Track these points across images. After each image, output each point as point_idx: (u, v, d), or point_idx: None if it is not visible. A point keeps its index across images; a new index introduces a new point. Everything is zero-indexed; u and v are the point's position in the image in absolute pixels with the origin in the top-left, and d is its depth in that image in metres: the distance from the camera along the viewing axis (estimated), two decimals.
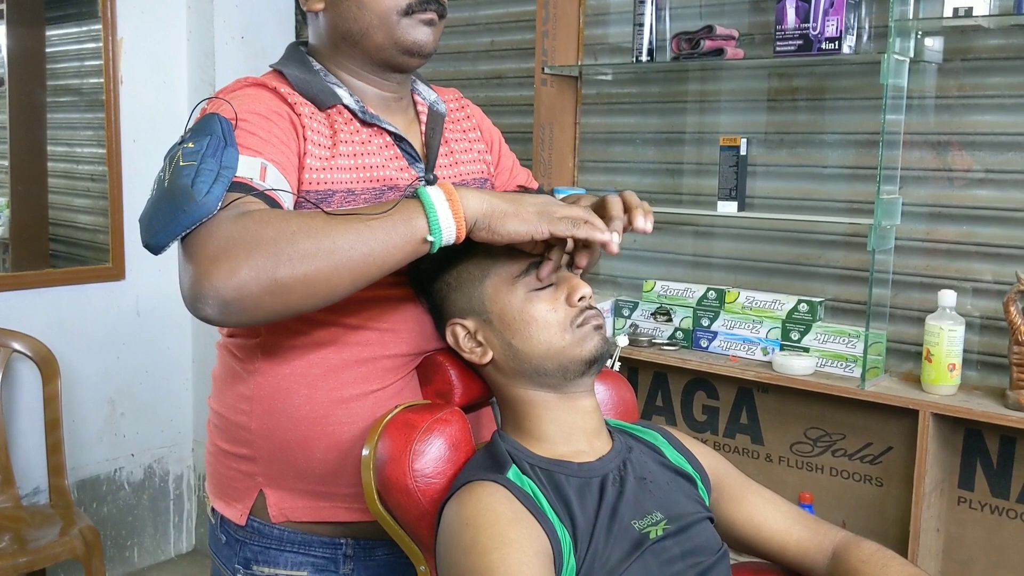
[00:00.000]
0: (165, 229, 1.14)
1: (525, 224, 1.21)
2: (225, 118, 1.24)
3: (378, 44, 1.40)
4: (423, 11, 1.39)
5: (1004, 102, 2.26)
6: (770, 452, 2.60)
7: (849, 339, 2.38)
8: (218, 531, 1.50)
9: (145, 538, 3.48)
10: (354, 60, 1.44)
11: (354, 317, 1.38)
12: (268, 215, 1.15)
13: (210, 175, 1.15)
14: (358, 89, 1.45)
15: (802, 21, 2.31)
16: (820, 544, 1.39)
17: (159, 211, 1.15)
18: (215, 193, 1.14)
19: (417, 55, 1.42)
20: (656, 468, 1.35)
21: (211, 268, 1.10)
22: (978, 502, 2.30)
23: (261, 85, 1.37)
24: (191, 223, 1.13)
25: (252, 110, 1.30)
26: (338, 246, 1.14)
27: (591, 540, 1.20)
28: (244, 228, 1.12)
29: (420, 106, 1.54)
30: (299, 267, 1.12)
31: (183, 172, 1.15)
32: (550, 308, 1.30)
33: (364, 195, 1.37)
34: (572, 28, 2.87)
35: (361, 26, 1.39)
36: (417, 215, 1.18)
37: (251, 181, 1.20)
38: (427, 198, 1.19)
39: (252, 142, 1.25)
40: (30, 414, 2.98)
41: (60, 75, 3.43)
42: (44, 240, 3.37)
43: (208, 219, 1.13)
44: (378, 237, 1.16)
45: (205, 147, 1.18)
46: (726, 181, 2.51)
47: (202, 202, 1.13)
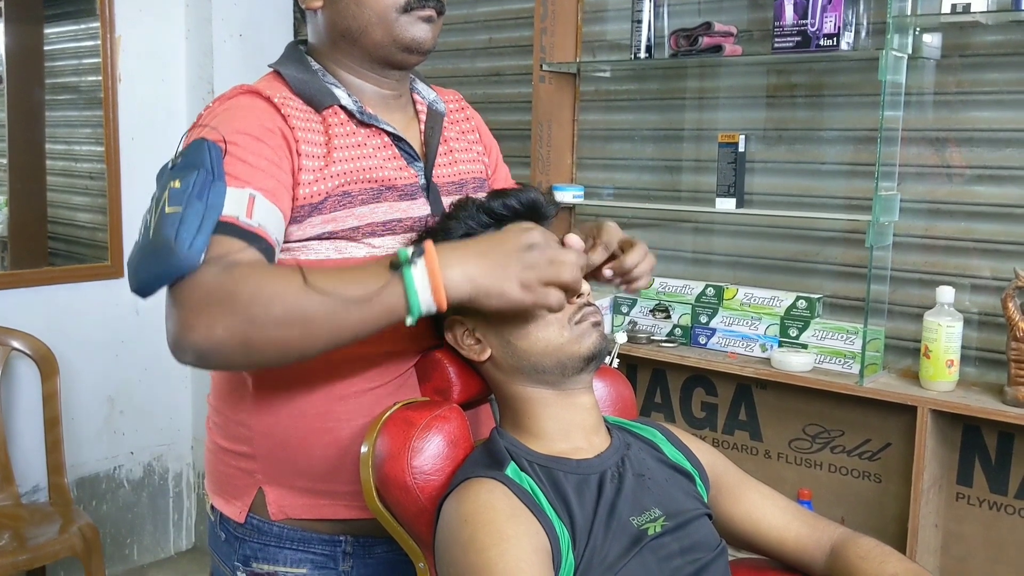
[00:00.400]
0: (150, 280, 1.17)
1: (509, 302, 1.21)
2: (215, 144, 1.24)
3: (377, 41, 1.40)
4: (421, 8, 1.39)
5: (1002, 98, 2.26)
6: (769, 448, 2.60)
7: (847, 335, 2.38)
8: (217, 528, 1.50)
9: (144, 536, 3.48)
10: (352, 58, 1.43)
11: None
12: (247, 275, 1.16)
13: (194, 223, 1.16)
14: (356, 87, 1.45)
15: (800, 17, 2.31)
16: (818, 540, 1.40)
17: (145, 261, 1.17)
18: (197, 246, 1.15)
19: (416, 52, 1.42)
20: (654, 465, 1.36)
21: (190, 323, 1.14)
22: (976, 498, 2.30)
23: (255, 94, 1.36)
24: (175, 276, 1.15)
25: (243, 130, 1.29)
26: (312, 318, 1.16)
27: (589, 537, 1.20)
28: (222, 287, 1.14)
29: (419, 105, 1.53)
30: (272, 332, 1.15)
31: (168, 222, 1.16)
32: None
33: (361, 196, 1.37)
34: (570, 25, 2.87)
35: (360, 23, 1.39)
36: (397, 298, 1.17)
37: (236, 220, 1.21)
38: (410, 283, 1.17)
39: (241, 170, 1.25)
40: (29, 412, 2.99)
41: (58, 73, 3.43)
42: (43, 238, 3.37)
43: (191, 272, 1.15)
44: (353, 315, 1.17)
45: (191, 186, 1.19)
46: (724, 178, 2.52)
47: (185, 256, 1.14)
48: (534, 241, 1.21)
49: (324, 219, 1.34)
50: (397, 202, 1.40)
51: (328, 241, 1.35)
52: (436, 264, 1.17)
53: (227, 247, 1.18)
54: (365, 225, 1.36)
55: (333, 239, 1.35)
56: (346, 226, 1.35)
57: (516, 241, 1.21)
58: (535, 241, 1.21)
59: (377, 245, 1.37)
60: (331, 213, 1.34)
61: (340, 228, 1.35)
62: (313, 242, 1.34)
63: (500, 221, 1.35)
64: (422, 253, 1.17)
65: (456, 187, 1.50)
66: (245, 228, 1.21)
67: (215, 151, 1.23)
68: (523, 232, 1.22)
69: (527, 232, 1.22)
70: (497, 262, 1.20)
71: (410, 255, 1.17)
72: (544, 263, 1.20)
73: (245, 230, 1.21)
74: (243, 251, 1.19)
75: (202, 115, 1.37)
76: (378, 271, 1.18)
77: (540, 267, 1.20)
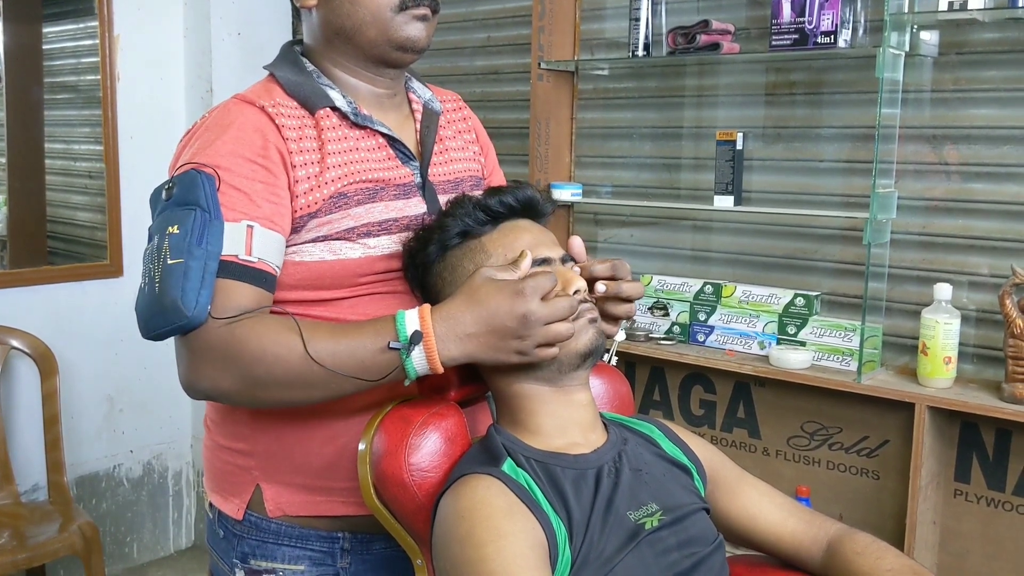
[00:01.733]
0: (161, 333, 1.24)
1: (503, 362, 1.26)
2: (208, 176, 1.27)
3: (371, 40, 1.40)
4: (416, 6, 1.39)
5: (1000, 95, 2.26)
6: (767, 446, 2.60)
7: (845, 333, 2.38)
8: (216, 526, 1.50)
9: (144, 534, 3.49)
10: (347, 56, 1.43)
11: (350, 312, 1.38)
12: (250, 336, 1.23)
13: (197, 275, 1.22)
14: (351, 87, 1.45)
15: (798, 15, 2.32)
16: (815, 536, 1.40)
17: (155, 317, 1.23)
18: (203, 302, 1.22)
19: (411, 51, 1.42)
20: (652, 459, 1.36)
21: (199, 372, 1.26)
22: (974, 494, 2.30)
23: (249, 103, 1.37)
24: (185, 331, 1.24)
25: (236, 152, 1.31)
26: (313, 383, 1.25)
27: (586, 531, 1.20)
28: (227, 347, 1.23)
29: (415, 104, 1.53)
30: (274, 391, 1.27)
31: (173, 276, 1.22)
32: None
33: (357, 196, 1.37)
34: (568, 23, 2.87)
35: (354, 22, 1.39)
36: (396, 373, 1.25)
37: (236, 258, 1.26)
38: (410, 367, 1.24)
39: (236, 200, 1.28)
40: (29, 411, 2.99)
41: (57, 72, 3.43)
42: (42, 237, 3.38)
43: (198, 327, 1.23)
44: (352, 383, 1.26)
45: (190, 230, 1.23)
46: (723, 175, 2.52)
47: (193, 314, 1.21)
48: (528, 310, 1.21)
49: (319, 222, 1.35)
50: (393, 201, 1.41)
51: (323, 243, 1.36)
52: (435, 350, 1.22)
53: (230, 292, 1.26)
54: (361, 225, 1.37)
55: (327, 240, 1.36)
56: (341, 227, 1.36)
57: (511, 312, 1.22)
58: (529, 310, 1.21)
59: (372, 245, 1.38)
60: (326, 216, 1.35)
61: (335, 230, 1.36)
62: (307, 245, 1.35)
63: (496, 219, 1.35)
64: (420, 339, 1.22)
65: (452, 185, 1.51)
66: (245, 265, 1.27)
67: (209, 185, 1.27)
68: (515, 297, 1.22)
69: (520, 297, 1.22)
70: (493, 342, 1.23)
71: (408, 338, 1.22)
72: (539, 332, 1.23)
73: (245, 267, 1.27)
74: (245, 294, 1.27)
75: (196, 127, 1.38)
76: (377, 346, 1.24)
77: (536, 336, 1.23)
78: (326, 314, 1.37)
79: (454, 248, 1.35)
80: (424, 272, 1.37)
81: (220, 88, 3.35)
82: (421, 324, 1.22)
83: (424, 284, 1.38)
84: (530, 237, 1.35)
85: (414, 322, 1.23)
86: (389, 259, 1.40)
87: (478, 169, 1.59)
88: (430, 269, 1.37)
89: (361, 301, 1.39)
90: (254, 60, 3.43)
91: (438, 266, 1.36)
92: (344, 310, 1.38)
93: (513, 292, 1.22)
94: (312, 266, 1.36)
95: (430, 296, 1.38)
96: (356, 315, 1.38)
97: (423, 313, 1.23)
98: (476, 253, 1.33)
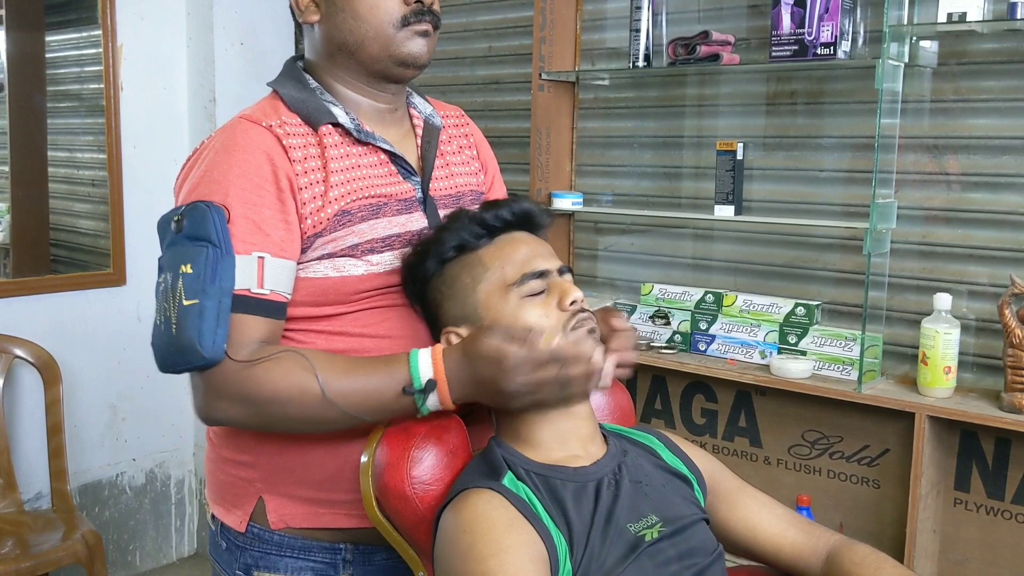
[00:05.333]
0: (180, 370, 1.29)
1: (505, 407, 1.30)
2: (218, 210, 1.29)
3: (373, 55, 1.41)
4: (418, 23, 1.41)
5: (998, 106, 2.27)
6: (768, 455, 2.61)
7: (846, 342, 2.39)
8: (218, 537, 1.51)
9: (147, 542, 3.49)
10: (349, 71, 1.45)
11: (352, 324, 1.40)
12: (265, 378, 1.27)
13: (212, 314, 1.25)
14: (353, 102, 1.46)
15: (797, 26, 2.33)
16: (814, 547, 1.41)
17: (172, 355, 1.27)
18: (219, 341, 1.26)
19: (412, 66, 1.43)
20: (652, 471, 1.37)
21: (213, 405, 1.30)
22: (974, 503, 2.31)
23: (256, 123, 1.38)
24: (201, 368, 1.28)
25: (243, 176, 1.33)
26: (326, 420, 1.30)
27: (587, 544, 1.21)
28: (243, 387, 1.28)
29: (416, 119, 1.55)
30: (288, 425, 1.33)
31: (189, 317, 1.25)
32: (543, 314, 1.31)
33: (360, 213, 1.39)
34: (569, 34, 2.89)
35: (356, 38, 1.41)
36: (411, 411, 1.30)
37: (249, 291, 1.30)
38: (425, 410, 1.29)
39: (246, 232, 1.31)
40: (32, 419, 3.00)
41: (60, 80, 3.44)
42: (45, 245, 3.38)
43: (215, 365, 1.27)
44: (360, 419, 1.30)
45: (203, 270, 1.26)
46: (723, 185, 2.53)
47: (211, 356, 1.25)
48: (510, 390, 1.25)
49: (324, 241, 1.36)
50: (395, 216, 1.42)
51: (327, 260, 1.37)
52: (447, 394, 1.28)
53: (244, 327, 1.29)
54: (365, 242, 1.39)
55: (332, 258, 1.37)
56: (346, 244, 1.37)
57: (495, 385, 1.25)
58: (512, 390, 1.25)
59: (375, 262, 1.40)
60: (331, 234, 1.36)
61: (340, 247, 1.37)
62: (312, 263, 1.37)
63: (493, 232, 1.36)
64: (434, 387, 1.27)
65: (453, 200, 1.52)
66: (258, 299, 1.30)
67: (219, 219, 1.29)
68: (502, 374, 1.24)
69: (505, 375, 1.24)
70: (496, 396, 1.27)
71: (423, 385, 1.27)
72: (527, 399, 1.27)
73: (257, 300, 1.31)
74: (258, 328, 1.31)
75: (203, 148, 1.40)
76: (392, 390, 1.28)
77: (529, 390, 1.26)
78: (328, 328, 1.39)
79: (452, 262, 1.36)
80: (423, 286, 1.38)
81: (223, 97, 3.36)
82: (435, 371, 1.27)
83: (423, 298, 1.39)
84: (527, 249, 1.36)
85: (427, 368, 1.27)
86: (390, 275, 1.41)
87: (478, 184, 1.60)
88: (429, 283, 1.38)
89: (363, 315, 1.40)
90: (257, 69, 3.45)
91: (436, 280, 1.37)
92: (347, 323, 1.40)
93: (500, 369, 1.24)
94: (316, 282, 1.37)
95: (429, 310, 1.39)
96: (359, 328, 1.40)
97: (435, 358, 1.27)
98: (474, 267, 1.34)
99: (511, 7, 3.10)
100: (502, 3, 3.13)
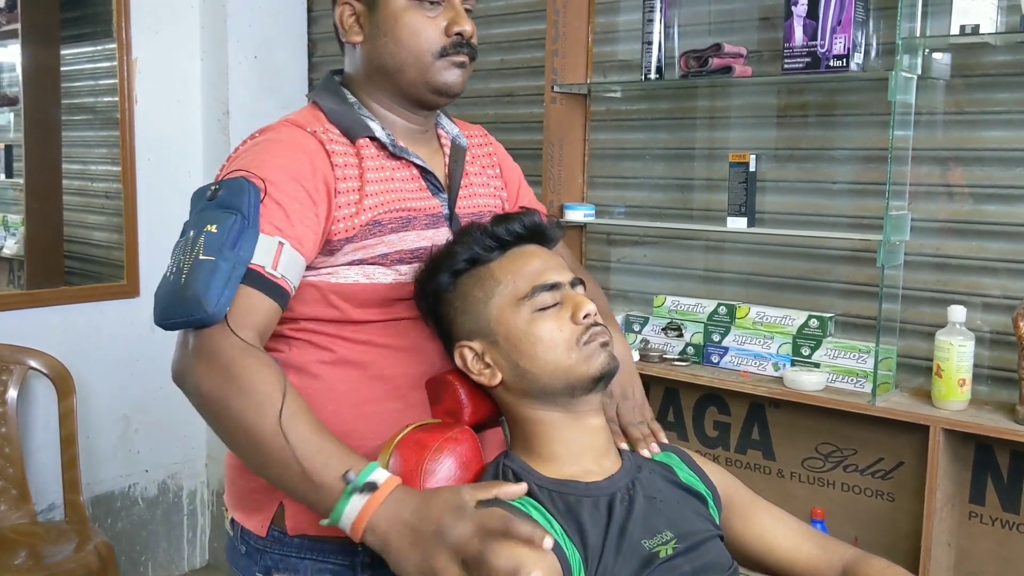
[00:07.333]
0: (177, 323, 1.27)
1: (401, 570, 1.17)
2: (255, 186, 1.32)
3: (411, 81, 1.47)
4: (456, 54, 1.46)
5: (1012, 118, 2.26)
6: (782, 468, 2.60)
7: (859, 354, 2.38)
8: (237, 542, 1.53)
9: (159, 553, 3.50)
10: (386, 92, 1.50)
11: (380, 335, 1.44)
12: (246, 373, 1.24)
13: (224, 275, 1.25)
14: (388, 120, 1.51)
15: (810, 39, 2.33)
16: (830, 561, 1.40)
17: (174, 306, 1.26)
18: (223, 301, 1.25)
19: (446, 95, 1.49)
20: (666, 487, 1.36)
21: (191, 366, 1.27)
22: (989, 516, 2.30)
23: (300, 127, 1.43)
24: (199, 325, 1.26)
25: (282, 167, 1.36)
26: (260, 445, 1.23)
27: (600, 559, 1.21)
28: (228, 365, 1.24)
29: (443, 139, 1.60)
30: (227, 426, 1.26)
31: (201, 271, 1.25)
32: (556, 327, 1.31)
33: (391, 224, 1.43)
34: (581, 46, 2.89)
35: (396, 62, 1.46)
36: (326, 498, 1.20)
37: (263, 269, 1.30)
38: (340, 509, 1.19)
39: (275, 215, 1.33)
40: (46, 430, 3.01)
41: (75, 94, 3.47)
42: (59, 257, 3.40)
43: (213, 325, 1.25)
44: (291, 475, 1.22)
45: (227, 233, 1.27)
46: (736, 197, 2.52)
47: (213, 312, 1.24)
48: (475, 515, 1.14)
49: (355, 247, 1.41)
50: (424, 230, 1.47)
51: (358, 266, 1.41)
52: (369, 514, 1.17)
53: (250, 300, 1.29)
54: (394, 252, 1.43)
55: (362, 264, 1.42)
56: (376, 253, 1.42)
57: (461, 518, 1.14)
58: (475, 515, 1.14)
59: (404, 272, 1.44)
60: (362, 241, 1.41)
61: (370, 255, 1.42)
62: (342, 268, 1.41)
63: (504, 245, 1.37)
64: (372, 491, 1.17)
65: (476, 218, 1.56)
66: (269, 279, 1.31)
67: (255, 194, 1.31)
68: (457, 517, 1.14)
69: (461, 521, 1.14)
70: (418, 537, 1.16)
71: (364, 484, 1.18)
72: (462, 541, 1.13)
73: (269, 281, 1.31)
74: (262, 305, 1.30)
75: (246, 142, 1.44)
76: (336, 463, 1.20)
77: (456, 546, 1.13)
78: (357, 336, 1.43)
79: (464, 276, 1.37)
80: (436, 301, 1.39)
81: (236, 110, 3.38)
82: (383, 485, 1.19)
83: (436, 313, 1.40)
84: (538, 262, 1.36)
85: (381, 478, 1.19)
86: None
87: (499, 204, 1.66)
88: (442, 298, 1.38)
89: (391, 326, 1.44)
90: (270, 83, 3.47)
91: (450, 295, 1.37)
92: (375, 333, 1.44)
93: (457, 513, 1.14)
94: (346, 288, 1.42)
95: (442, 325, 1.40)
96: (386, 340, 1.44)
97: (391, 480, 1.20)
98: (486, 280, 1.35)
99: (524, 20, 3.11)
100: (515, 16, 3.14)
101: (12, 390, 2.86)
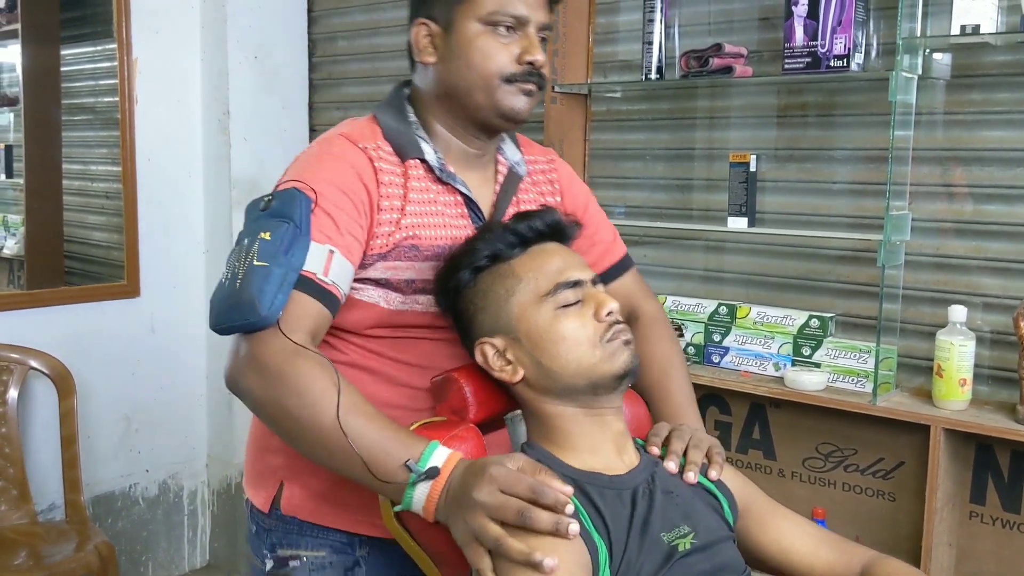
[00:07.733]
0: (231, 327, 1.30)
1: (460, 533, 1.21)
2: (306, 196, 1.35)
3: (478, 104, 1.48)
4: (525, 82, 1.48)
5: (1012, 118, 2.27)
6: (783, 467, 2.60)
7: (860, 354, 2.39)
8: (250, 522, 1.59)
9: (159, 553, 3.50)
10: (451, 114, 1.52)
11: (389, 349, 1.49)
12: (300, 374, 1.27)
13: (277, 280, 1.29)
14: (444, 140, 1.53)
15: (810, 39, 2.33)
16: (848, 563, 1.40)
17: (230, 310, 1.29)
18: (277, 305, 1.28)
19: (511, 120, 1.51)
20: (681, 482, 1.37)
21: (243, 372, 1.30)
22: (989, 516, 2.30)
23: (353, 143, 1.45)
24: (254, 329, 1.29)
25: (332, 180, 1.40)
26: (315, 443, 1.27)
27: (624, 552, 1.22)
28: (280, 369, 1.27)
29: (501, 165, 1.61)
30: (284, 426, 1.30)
31: (256, 276, 1.28)
32: (579, 325, 1.32)
33: (427, 251, 1.45)
34: (581, 47, 2.89)
35: (466, 84, 1.48)
36: (395, 490, 1.25)
37: (315, 275, 1.34)
38: (408, 498, 1.24)
39: (326, 225, 1.36)
40: (46, 430, 3.01)
41: (75, 94, 3.47)
42: (59, 257, 3.40)
43: (267, 329, 1.28)
44: (354, 469, 1.26)
45: (280, 242, 1.31)
46: (736, 197, 2.53)
47: (266, 315, 1.27)
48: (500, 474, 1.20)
49: (387, 266, 1.43)
50: None
51: (381, 289, 1.44)
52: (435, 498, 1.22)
53: (302, 305, 1.32)
54: (420, 280, 1.45)
55: (386, 288, 1.44)
56: (403, 277, 1.44)
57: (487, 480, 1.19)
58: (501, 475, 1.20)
59: (422, 302, 1.46)
60: (394, 262, 1.43)
61: (397, 278, 1.44)
62: (369, 285, 1.44)
63: (525, 243, 1.38)
64: (435, 475, 1.22)
65: None
66: (320, 285, 1.34)
67: (305, 204, 1.35)
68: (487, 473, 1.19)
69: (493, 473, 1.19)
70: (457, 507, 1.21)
71: (426, 471, 1.22)
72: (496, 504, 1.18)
73: (320, 287, 1.34)
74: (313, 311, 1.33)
75: (300, 157, 1.48)
76: (398, 454, 1.24)
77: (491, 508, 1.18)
78: (367, 345, 1.48)
79: (485, 273, 1.37)
80: (456, 297, 1.40)
81: (236, 111, 3.38)
82: (444, 466, 1.23)
83: (456, 310, 1.41)
84: (560, 260, 1.37)
85: (440, 460, 1.24)
86: (436, 315, 1.47)
87: None
88: (462, 295, 1.39)
89: (400, 342, 1.49)
90: (270, 83, 3.47)
91: (470, 291, 1.38)
92: (385, 346, 1.49)
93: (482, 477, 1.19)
94: (363, 304, 1.46)
95: (462, 322, 1.40)
96: (395, 353, 1.48)
97: (450, 460, 1.24)
98: (507, 278, 1.36)
99: None
100: None
101: (12, 390, 2.86)
